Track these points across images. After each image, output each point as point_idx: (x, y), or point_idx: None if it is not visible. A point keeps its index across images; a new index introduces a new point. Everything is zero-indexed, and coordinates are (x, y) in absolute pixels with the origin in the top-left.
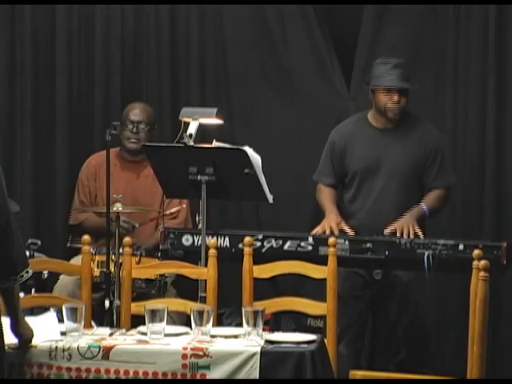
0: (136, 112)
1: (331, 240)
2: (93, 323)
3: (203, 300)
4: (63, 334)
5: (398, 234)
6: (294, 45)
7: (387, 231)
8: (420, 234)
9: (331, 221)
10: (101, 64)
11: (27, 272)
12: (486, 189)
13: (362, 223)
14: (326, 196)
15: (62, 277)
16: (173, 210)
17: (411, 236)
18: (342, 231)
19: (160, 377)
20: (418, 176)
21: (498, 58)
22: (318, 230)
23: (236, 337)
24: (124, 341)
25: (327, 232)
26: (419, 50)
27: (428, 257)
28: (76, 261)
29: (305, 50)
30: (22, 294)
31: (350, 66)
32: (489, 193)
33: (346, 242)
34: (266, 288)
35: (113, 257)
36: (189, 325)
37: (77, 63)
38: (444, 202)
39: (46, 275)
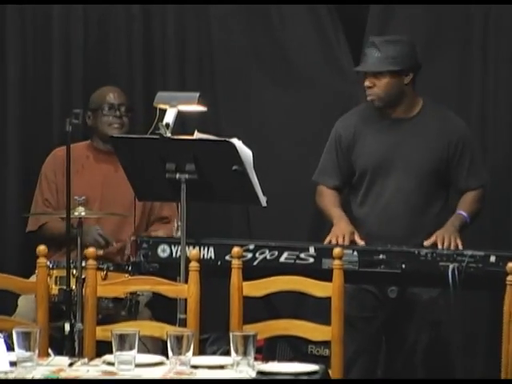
0: (114, 95)
1: (336, 251)
2: (50, 351)
3: (183, 323)
4: (13, 364)
5: (440, 246)
6: (292, 18)
7: (427, 243)
8: (460, 247)
9: (343, 230)
10: (59, 41)
11: None
12: None
13: (371, 231)
14: (329, 200)
15: (20, 304)
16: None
17: (452, 249)
18: (352, 242)
19: None
20: (439, 175)
21: None
22: (328, 241)
23: (222, 367)
24: (87, 372)
25: (340, 242)
26: (440, 25)
27: (453, 270)
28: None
29: (304, 24)
30: None
31: (360, 44)
32: None
33: (355, 253)
34: (259, 308)
35: (74, 271)
36: (165, 353)
37: (31, 40)
38: (482, 204)
39: None
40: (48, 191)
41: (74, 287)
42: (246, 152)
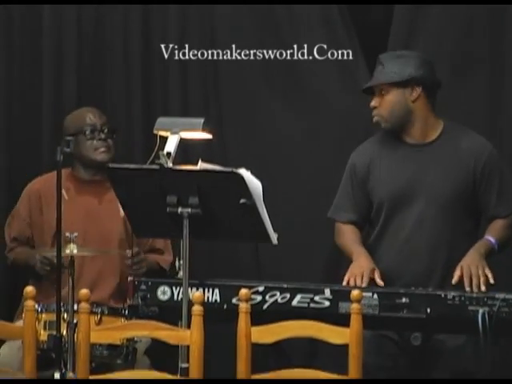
0: (94, 115)
1: (355, 294)
2: None
3: (185, 372)
4: None
5: (466, 284)
6: (305, 31)
7: (454, 281)
8: (491, 278)
9: (362, 266)
10: (50, 58)
11: None
12: None
13: (390, 269)
14: (348, 236)
15: (3, 352)
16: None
17: (482, 286)
18: (372, 280)
19: None
20: (465, 203)
21: None
22: (346, 279)
23: None
24: None
25: (357, 281)
26: (469, 39)
27: (483, 315)
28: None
29: (318, 38)
30: None
31: None
32: None
33: (375, 296)
34: (269, 356)
35: (65, 315)
36: None
37: (19, 53)
38: None
39: None
40: (17, 229)
41: (64, 333)
42: (254, 184)
